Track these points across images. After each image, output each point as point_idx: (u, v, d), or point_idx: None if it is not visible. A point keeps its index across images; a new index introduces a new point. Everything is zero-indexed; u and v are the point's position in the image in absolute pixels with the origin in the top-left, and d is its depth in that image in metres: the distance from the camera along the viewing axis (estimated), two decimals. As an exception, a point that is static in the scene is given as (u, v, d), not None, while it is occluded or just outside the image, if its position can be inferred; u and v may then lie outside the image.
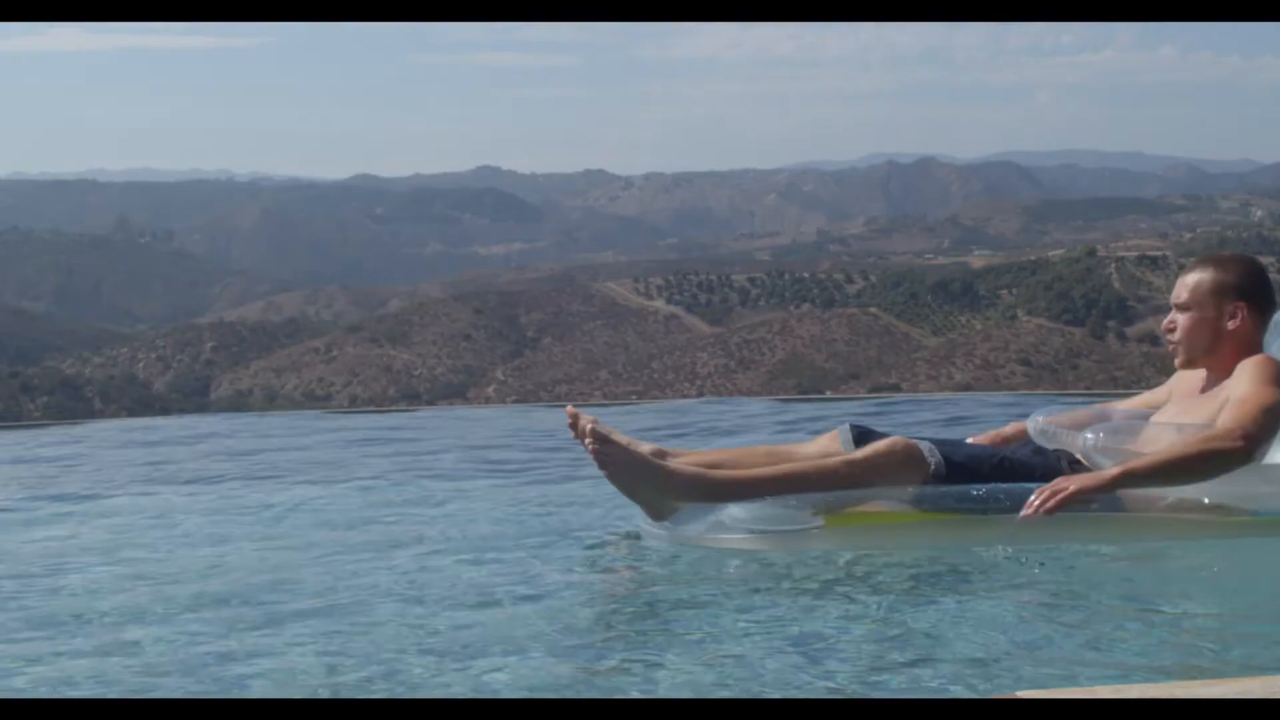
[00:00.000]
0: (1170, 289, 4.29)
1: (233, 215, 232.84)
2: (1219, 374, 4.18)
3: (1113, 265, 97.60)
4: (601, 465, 4.14)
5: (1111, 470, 3.88)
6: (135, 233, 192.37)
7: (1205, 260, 4.36)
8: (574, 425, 4.19)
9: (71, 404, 78.55)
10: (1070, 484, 3.86)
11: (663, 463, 4.18)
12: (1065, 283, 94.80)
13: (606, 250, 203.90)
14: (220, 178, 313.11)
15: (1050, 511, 3.82)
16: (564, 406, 4.54)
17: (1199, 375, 4.29)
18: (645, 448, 4.28)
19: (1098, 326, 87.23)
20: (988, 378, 77.01)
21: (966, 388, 66.97)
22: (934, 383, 76.57)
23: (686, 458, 4.33)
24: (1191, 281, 4.26)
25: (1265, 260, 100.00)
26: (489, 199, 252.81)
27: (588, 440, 4.12)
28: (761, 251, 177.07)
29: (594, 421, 4.25)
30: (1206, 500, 3.99)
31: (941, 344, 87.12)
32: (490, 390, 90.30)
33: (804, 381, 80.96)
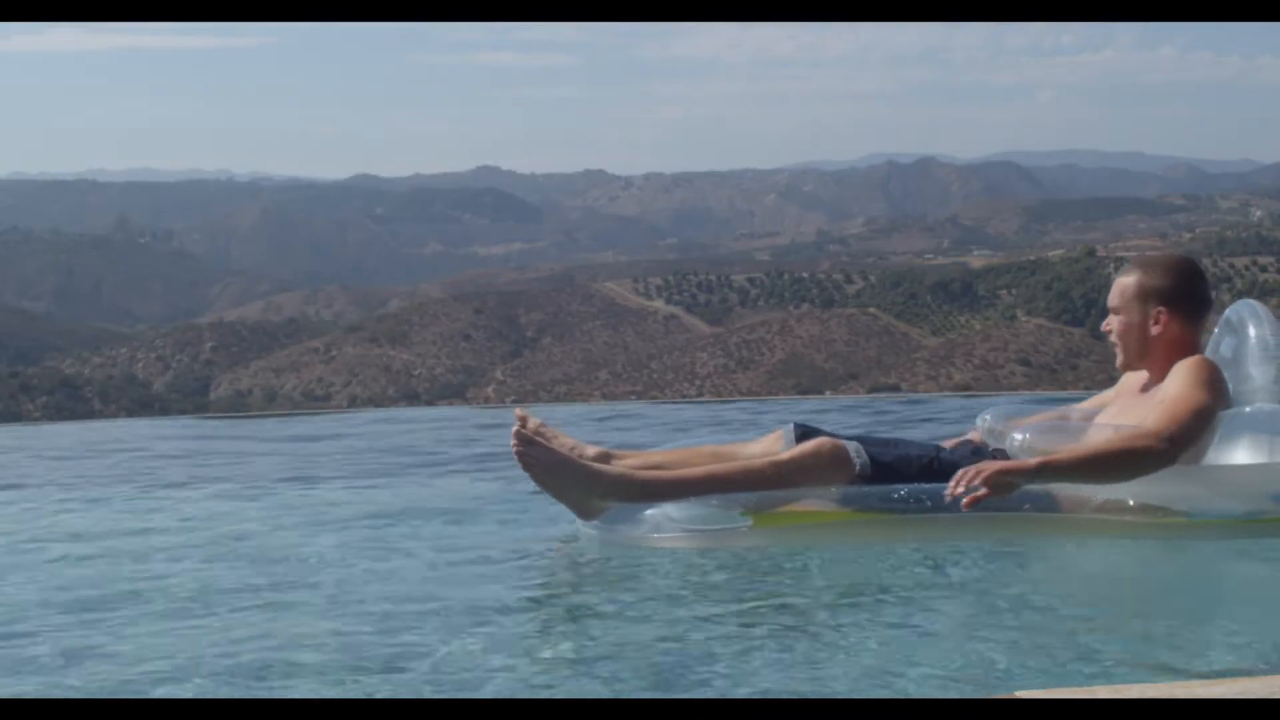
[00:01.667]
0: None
1: (232, 215, 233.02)
2: (1157, 375, 4.18)
3: (1112, 265, 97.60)
4: (525, 466, 4.14)
5: (1032, 460, 3.88)
6: (135, 233, 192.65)
7: (1135, 263, 4.35)
8: (523, 428, 4.23)
9: (71, 404, 78.61)
10: (990, 466, 3.83)
11: (588, 463, 4.19)
12: (1065, 283, 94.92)
13: (606, 250, 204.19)
14: (220, 178, 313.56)
15: (973, 490, 3.80)
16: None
17: (1141, 376, 4.29)
18: (590, 450, 4.29)
19: (1097, 326, 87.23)
20: (987, 378, 77.09)
21: (966, 388, 67.02)
22: (933, 383, 76.63)
23: (630, 459, 4.34)
24: (1119, 285, 4.27)
25: (1265, 260, 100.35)
26: (489, 199, 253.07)
27: (512, 441, 4.13)
28: (761, 251, 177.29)
29: (541, 424, 4.29)
30: (1132, 502, 3.98)
31: (941, 344, 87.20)
32: (490, 390, 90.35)
33: (803, 381, 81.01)
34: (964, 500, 3.81)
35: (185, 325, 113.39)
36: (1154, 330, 4.18)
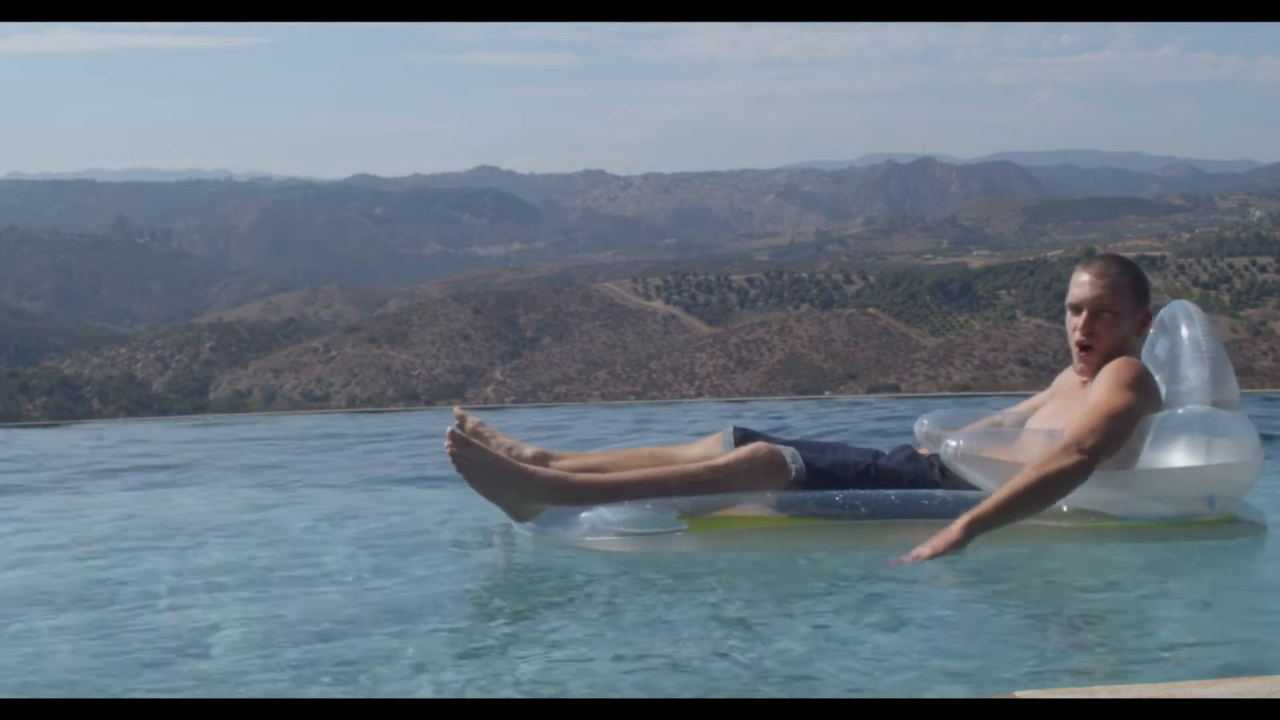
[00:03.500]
0: (1170, 290, 4.22)
1: (231, 215, 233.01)
2: (1094, 375, 4.12)
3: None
4: (459, 468, 4.09)
5: (958, 524, 3.75)
6: (134, 233, 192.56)
7: (1110, 260, 4.20)
8: (461, 428, 4.21)
9: (70, 404, 78.55)
10: (924, 550, 3.71)
11: (522, 465, 4.15)
12: (1064, 283, 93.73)
13: (605, 250, 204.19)
14: (219, 178, 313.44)
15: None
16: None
17: (1074, 375, 4.23)
18: (529, 451, 4.27)
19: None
20: (986, 378, 77.07)
21: (965, 388, 67.01)
22: (932, 383, 76.62)
23: (568, 461, 4.29)
24: (1113, 283, 4.11)
25: (1264, 260, 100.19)
26: (488, 199, 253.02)
27: (446, 442, 4.06)
28: (760, 252, 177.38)
29: (479, 424, 4.26)
30: (1065, 508, 3.95)
31: (940, 344, 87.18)
32: (489, 390, 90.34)
33: (802, 381, 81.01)
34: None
35: (184, 325, 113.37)
36: (1140, 331, 4.15)
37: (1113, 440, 3.88)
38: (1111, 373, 4.00)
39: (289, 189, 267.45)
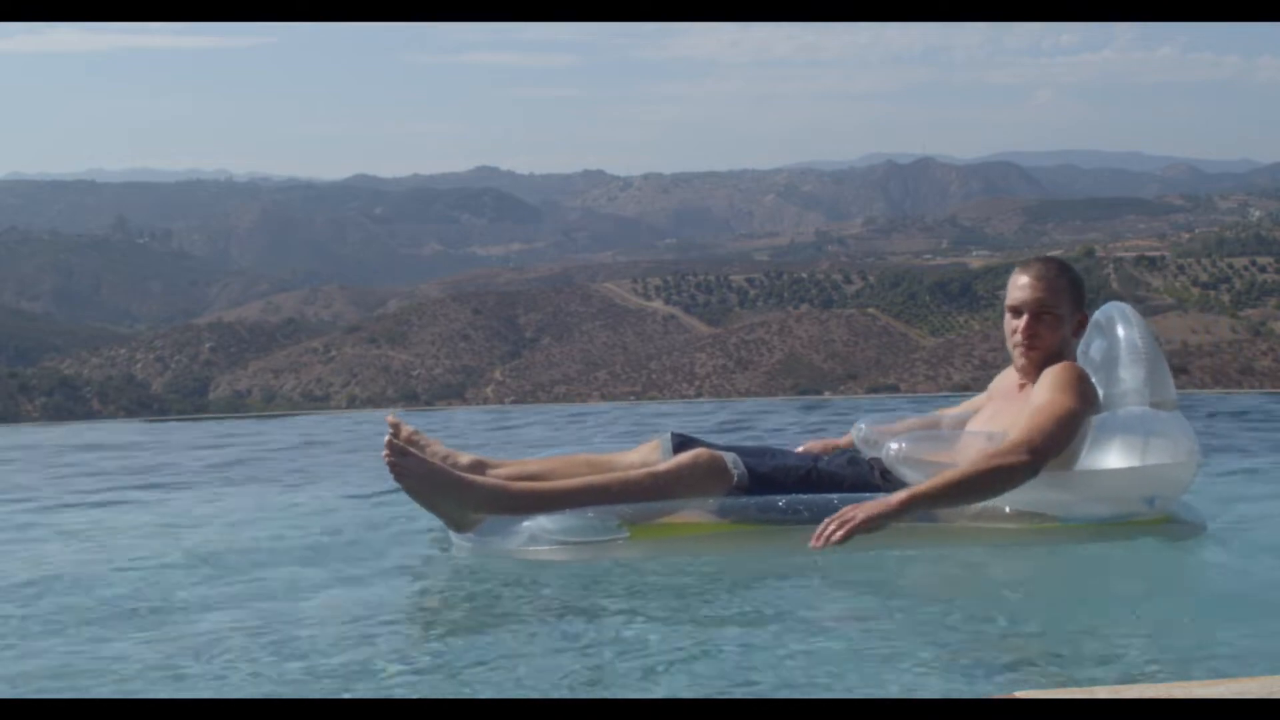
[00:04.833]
0: (1169, 289, 4.23)
1: (231, 215, 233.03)
2: (1034, 378, 4.14)
3: (1111, 266, 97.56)
4: (397, 477, 4.02)
5: (898, 495, 3.79)
6: (134, 233, 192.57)
7: (1049, 263, 4.24)
8: (397, 436, 4.16)
9: (70, 404, 78.54)
10: (858, 512, 3.74)
11: (461, 474, 4.10)
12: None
13: (605, 250, 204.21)
14: (219, 178, 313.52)
15: (839, 542, 3.70)
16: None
17: (1013, 377, 4.26)
18: (464, 459, 4.22)
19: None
20: (986, 378, 76.67)
21: (965, 388, 66.99)
22: (932, 383, 76.65)
23: (505, 468, 4.25)
24: (1054, 285, 4.14)
25: (1264, 260, 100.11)
26: (488, 199, 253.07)
27: (384, 451, 4.01)
28: (760, 252, 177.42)
29: (414, 432, 4.20)
30: (1007, 509, 3.97)
31: (940, 344, 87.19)
32: (489, 390, 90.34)
33: (802, 382, 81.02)
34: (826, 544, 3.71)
35: (184, 325, 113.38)
36: (1077, 333, 4.17)
37: (1059, 443, 3.91)
38: (1054, 376, 4.03)
39: (289, 189, 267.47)
